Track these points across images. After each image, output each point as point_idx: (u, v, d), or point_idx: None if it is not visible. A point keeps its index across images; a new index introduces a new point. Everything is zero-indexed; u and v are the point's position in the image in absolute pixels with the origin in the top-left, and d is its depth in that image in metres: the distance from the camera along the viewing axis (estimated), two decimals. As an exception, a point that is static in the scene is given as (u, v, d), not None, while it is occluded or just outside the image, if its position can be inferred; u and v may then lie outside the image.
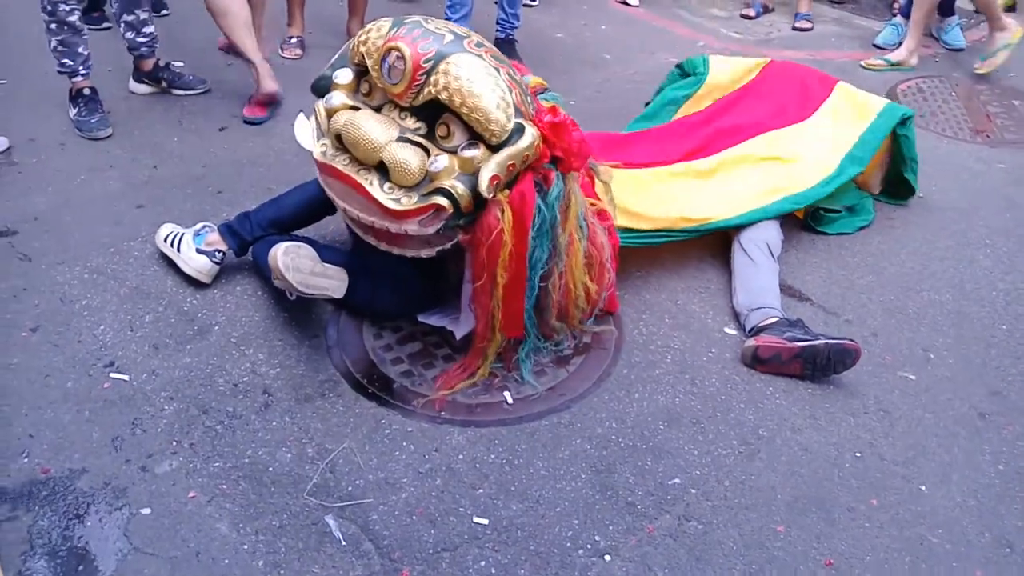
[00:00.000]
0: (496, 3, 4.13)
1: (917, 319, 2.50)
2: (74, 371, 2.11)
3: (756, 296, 2.40)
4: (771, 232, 2.60)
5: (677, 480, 1.92)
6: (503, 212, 1.87)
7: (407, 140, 1.86)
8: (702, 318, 2.43)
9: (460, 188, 1.82)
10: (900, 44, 4.43)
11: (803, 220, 2.88)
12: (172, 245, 2.40)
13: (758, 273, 2.47)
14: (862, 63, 4.36)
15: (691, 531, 1.81)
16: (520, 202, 1.87)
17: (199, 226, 2.42)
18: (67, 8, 2.94)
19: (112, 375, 2.11)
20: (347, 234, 2.34)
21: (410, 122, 1.89)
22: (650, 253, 2.57)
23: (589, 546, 1.77)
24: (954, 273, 2.72)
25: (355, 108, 1.95)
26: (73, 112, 3.17)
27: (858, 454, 2.02)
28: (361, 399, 2.08)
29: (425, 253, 1.99)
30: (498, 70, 1.82)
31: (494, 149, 1.82)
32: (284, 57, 3.66)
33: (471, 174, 1.82)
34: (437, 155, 1.84)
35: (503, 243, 1.88)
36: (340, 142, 1.93)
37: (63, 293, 2.36)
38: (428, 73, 1.79)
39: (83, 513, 1.77)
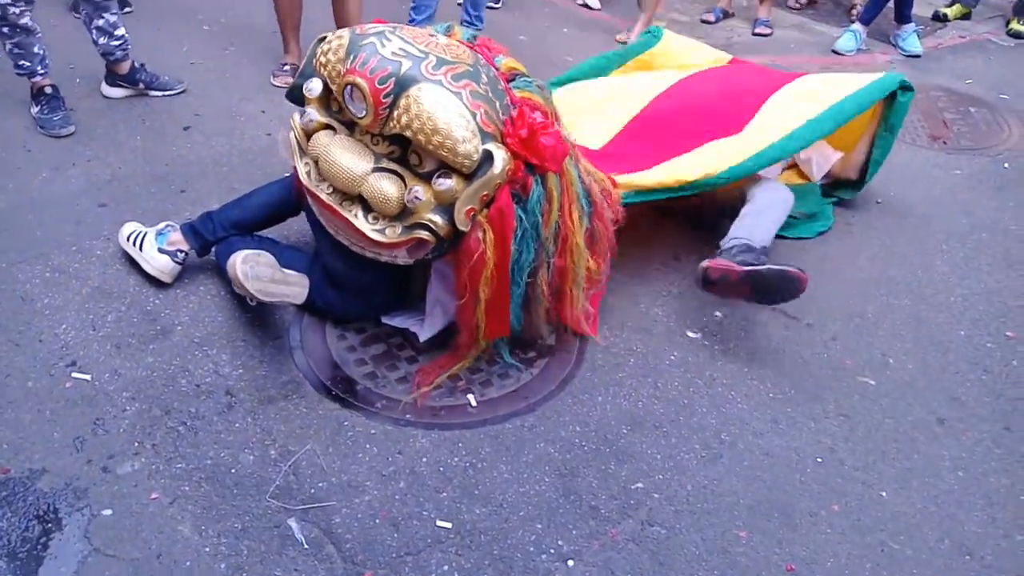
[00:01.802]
0: (460, 4, 4.13)
1: (876, 324, 2.55)
2: (35, 371, 2.08)
3: (739, 228, 2.44)
4: (787, 193, 2.67)
5: (640, 484, 1.94)
6: (484, 233, 1.88)
7: (383, 169, 1.88)
8: (664, 322, 2.46)
9: (439, 221, 1.86)
10: (858, 50, 4.56)
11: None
12: (135, 244, 2.38)
13: (757, 216, 2.50)
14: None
15: (654, 536, 1.83)
16: (500, 219, 1.88)
17: (162, 225, 2.40)
18: (16, 11, 2.90)
19: (74, 375, 2.08)
20: (311, 235, 2.33)
21: (383, 147, 1.89)
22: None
23: (552, 551, 1.78)
24: (912, 278, 2.78)
25: (330, 127, 1.95)
26: (35, 110, 3.12)
27: (819, 459, 2.06)
28: (324, 400, 2.08)
29: (403, 262, 2.01)
30: (460, 93, 1.78)
31: (467, 176, 1.83)
32: (275, 85, 3.62)
33: (448, 205, 1.85)
34: (414, 186, 1.86)
35: (485, 263, 1.90)
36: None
37: (24, 292, 2.33)
38: (390, 107, 1.79)
39: (43, 514, 1.75)
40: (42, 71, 3.08)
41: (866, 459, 2.07)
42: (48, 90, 3.11)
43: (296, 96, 2.04)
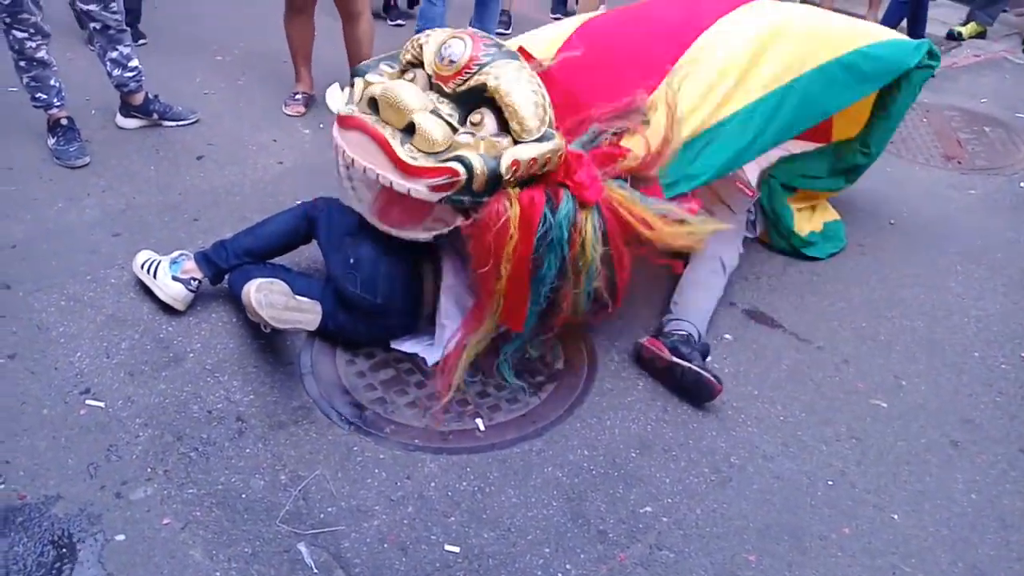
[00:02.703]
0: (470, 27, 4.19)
1: (889, 346, 2.53)
2: (50, 398, 2.11)
3: (684, 310, 2.45)
4: (727, 248, 2.63)
5: (649, 508, 1.94)
6: (511, 204, 1.89)
7: (438, 113, 1.92)
8: (676, 345, 2.45)
9: (478, 162, 1.86)
10: None
11: (772, 234, 2.92)
12: (149, 272, 2.41)
13: (698, 291, 2.51)
14: None
15: (662, 560, 1.82)
16: (529, 203, 1.90)
17: (176, 254, 2.43)
18: (33, 45, 2.98)
19: (88, 402, 2.11)
20: (322, 263, 2.36)
21: (446, 107, 1.94)
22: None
23: (560, 575, 1.77)
24: (925, 300, 2.76)
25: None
26: (51, 141, 3.19)
27: (830, 482, 2.04)
28: (334, 426, 2.09)
29: (423, 236, 2.02)
30: (544, 91, 1.93)
31: (519, 143, 1.89)
32: (287, 114, 3.68)
33: (493, 156, 1.87)
34: (468, 126, 1.92)
35: (509, 234, 1.89)
36: (370, 107, 1.98)
37: (40, 320, 2.36)
38: (480, 65, 1.89)
39: (58, 539, 1.76)
40: (58, 103, 3.15)
41: (878, 482, 2.05)
42: (64, 122, 3.18)
43: (363, 71, 2.09)
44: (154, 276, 2.39)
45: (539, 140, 1.90)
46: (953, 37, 5.40)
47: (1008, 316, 2.71)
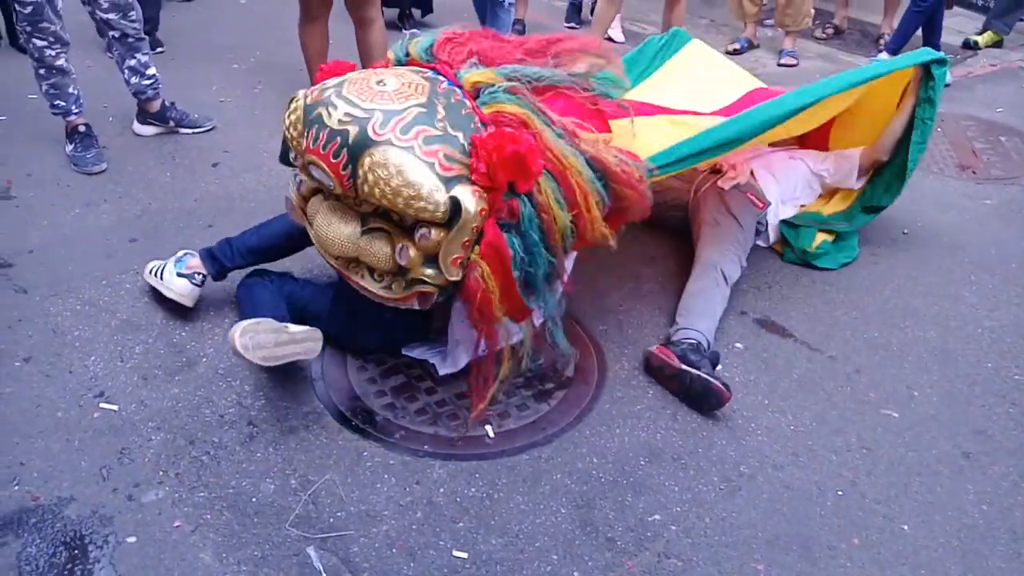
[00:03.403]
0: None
1: (901, 356, 2.52)
2: (65, 401, 2.14)
3: (691, 317, 2.44)
4: (728, 260, 2.63)
5: (657, 516, 1.93)
6: (481, 271, 1.85)
7: (371, 229, 1.87)
8: (686, 354, 2.45)
9: (432, 273, 1.85)
10: None
11: (786, 249, 2.92)
12: (155, 275, 2.43)
13: (700, 301, 2.51)
14: None
15: (671, 568, 1.81)
16: (493, 254, 1.85)
17: (180, 253, 2.45)
18: (53, 53, 3.03)
19: (102, 405, 2.13)
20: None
21: (367, 205, 1.87)
22: (633, 292, 2.59)
23: (568, 581, 1.78)
24: (939, 310, 2.74)
25: (320, 189, 1.96)
26: (69, 148, 3.23)
27: (840, 492, 2.03)
28: (344, 431, 2.10)
29: (419, 306, 1.99)
30: (411, 147, 1.73)
31: (446, 225, 1.78)
32: None
33: (436, 255, 1.83)
34: (400, 244, 1.84)
35: (490, 298, 1.89)
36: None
37: (56, 324, 2.39)
38: (352, 177, 1.78)
39: (70, 541, 1.79)
40: (76, 110, 3.20)
41: (888, 492, 2.04)
42: (82, 128, 3.23)
43: (286, 158, 2.04)
44: (161, 277, 2.41)
45: (454, 217, 1.75)
46: (969, 46, 5.37)
47: (1022, 327, 2.68)
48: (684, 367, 2.22)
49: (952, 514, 2.00)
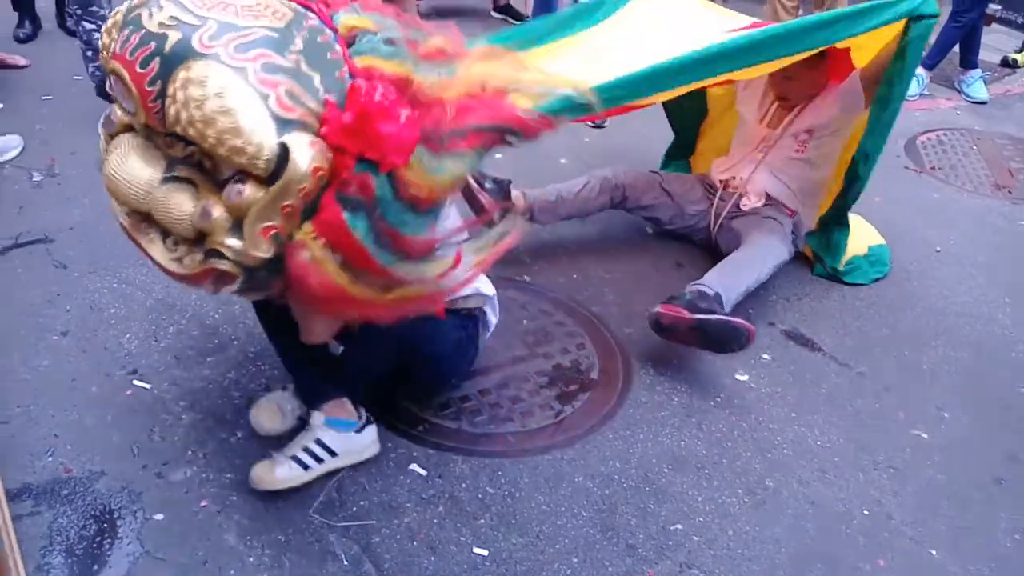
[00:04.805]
0: None
1: (932, 376, 2.49)
2: (99, 376, 2.18)
3: (708, 275, 2.41)
4: (776, 238, 2.63)
5: (679, 526, 1.93)
6: (312, 253, 1.38)
7: (176, 178, 1.41)
8: (711, 361, 2.44)
9: (236, 245, 1.37)
10: (921, 95, 4.50)
11: (815, 264, 2.89)
12: None
13: (728, 263, 2.48)
14: None
15: (690, 577, 1.82)
16: (333, 232, 1.38)
17: None
18: (100, 36, 3.06)
19: (135, 383, 2.17)
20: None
21: (178, 149, 1.40)
22: (659, 297, 2.55)
23: (586, 584, 1.78)
24: (971, 330, 2.71)
25: (133, 128, 1.48)
26: (114, 127, 3.28)
27: (866, 512, 2.01)
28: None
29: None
30: (243, 68, 1.31)
31: (267, 181, 1.35)
32: None
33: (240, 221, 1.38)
34: (205, 200, 1.38)
35: (334, 286, 1.40)
36: None
37: (93, 301, 2.44)
38: (159, 98, 1.33)
39: (100, 515, 1.82)
40: None
41: (916, 515, 2.02)
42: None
43: (103, 91, 1.70)
44: None
45: (279, 169, 1.32)
46: (1007, 64, 5.29)
47: (1058, 353, 2.65)
48: (699, 316, 2.17)
49: (982, 541, 1.97)
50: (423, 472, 1.99)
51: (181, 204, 1.39)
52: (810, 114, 2.76)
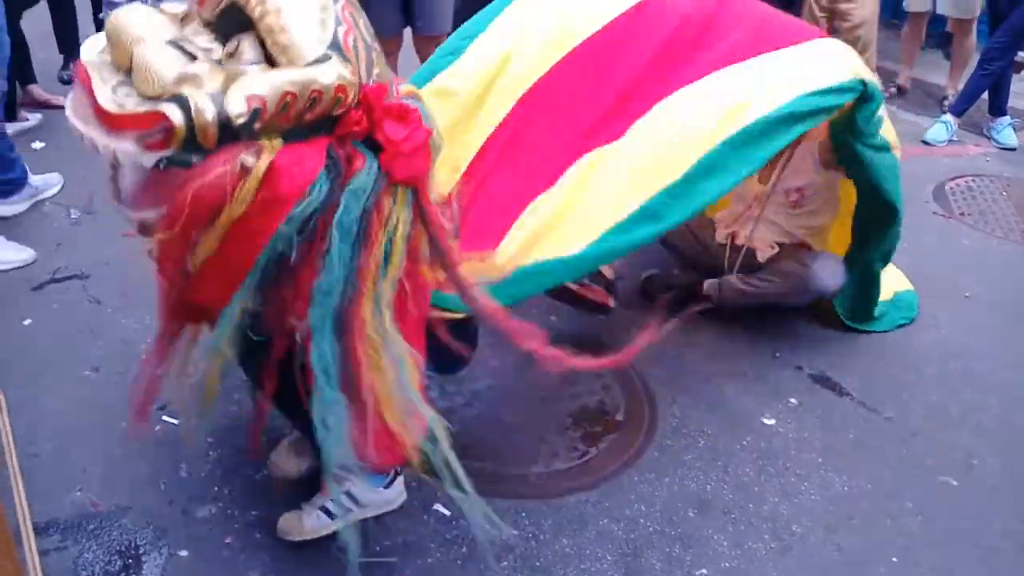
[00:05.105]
0: None
1: (960, 422, 2.46)
2: (129, 412, 2.21)
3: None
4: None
5: (705, 571, 1.91)
6: (249, 166, 1.25)
7: (178, 47, 1.32)
8: (737, 404, 2.43)
9: (204, 103, 1.23)
10: (950, 141, 4.48)
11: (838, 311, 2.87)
12: None
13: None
14: None
15: (716, 624, 1.79)
16: (292, 166, 1.28)
17: None
18: None
19: (164, 418, 2.19)
20: None
21: (203, 39, 1.34)
22: (686, 338, 2.55)
23: (610, 630, 1.76)
24: (1001, 378, 2.67)
25: None
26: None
27: (895, 559, 1.98)
28: (396, 461, 2.13)
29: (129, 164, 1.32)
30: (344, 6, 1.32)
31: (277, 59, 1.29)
32: None
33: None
34: (201, 62, 1.29)
35: (225, 193, 1.25)
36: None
37: (125, 336, 2.48)
38: None
39: (126, 549, 1.84)
40: None
41: (945, 563, 1.98)
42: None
43: None
44: None
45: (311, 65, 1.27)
46: (1038, 111, 5.27)
47: (1090, 401, 2.60)
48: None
49: (1013, 594, 1.93)
50: (447, 512, 1.99)
51: (159, 60, 1.28)
52: (792, 176, 2.72)
